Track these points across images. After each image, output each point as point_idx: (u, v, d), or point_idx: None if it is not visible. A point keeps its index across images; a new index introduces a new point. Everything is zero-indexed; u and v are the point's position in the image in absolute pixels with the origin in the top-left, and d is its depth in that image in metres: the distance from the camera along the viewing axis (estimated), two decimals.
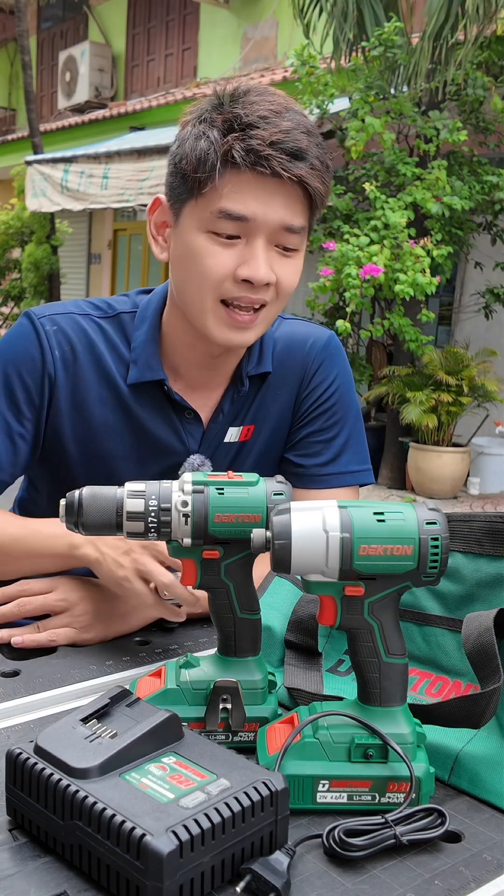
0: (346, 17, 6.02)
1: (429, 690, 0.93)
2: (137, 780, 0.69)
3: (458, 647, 0.94)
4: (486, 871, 0.71)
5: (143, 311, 1.31)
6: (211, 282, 1.15)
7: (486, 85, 5.93)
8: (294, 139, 1.10)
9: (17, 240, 10.48)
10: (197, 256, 1.15)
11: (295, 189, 1.13)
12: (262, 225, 1.13)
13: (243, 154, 1.09)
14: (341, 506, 0.78)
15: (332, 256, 5.56)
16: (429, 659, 0.96)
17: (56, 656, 1.09)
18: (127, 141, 9.65)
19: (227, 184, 1.11)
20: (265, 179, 1.11)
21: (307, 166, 1.11)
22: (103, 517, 0.86)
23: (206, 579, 0.87)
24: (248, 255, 1.14)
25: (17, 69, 14.69)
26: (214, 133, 1.11)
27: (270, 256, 1.15)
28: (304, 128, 1.12)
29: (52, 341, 1.25)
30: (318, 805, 0.78)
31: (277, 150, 1.09)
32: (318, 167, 1.13)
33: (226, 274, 1.14)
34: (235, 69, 10.86)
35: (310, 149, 1.11)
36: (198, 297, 1.18)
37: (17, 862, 0.69)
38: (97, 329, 1.29)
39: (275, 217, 1.13)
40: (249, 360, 1.32)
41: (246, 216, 1.12)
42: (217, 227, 1.13)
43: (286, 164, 1.09)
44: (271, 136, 1.08)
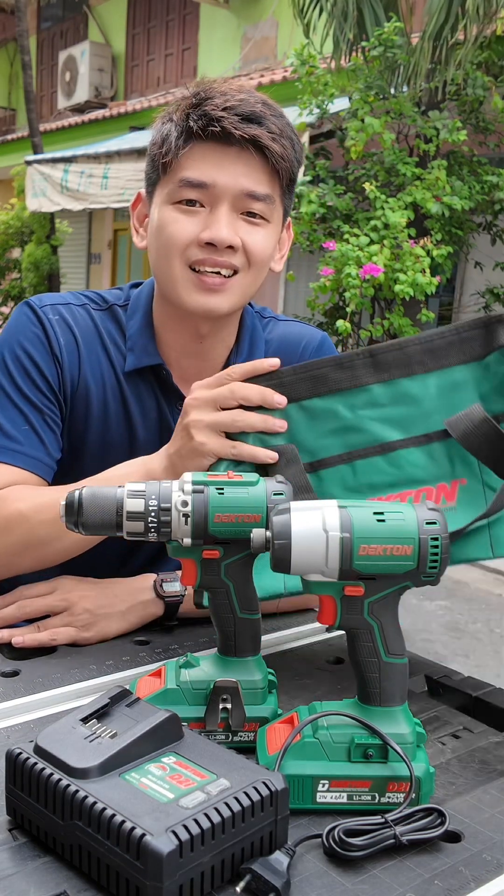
0: (347, 17, 6.02)
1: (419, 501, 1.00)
2: (137, 779, 0.69)
3: (429, 457, 1.01)
4: (486, 871, 0.71)
5: (135, 302, 1.33)
6: (177, 247, 1.18)
7: (486, 85, 5.92)
8: (248, 105, 1.15)
9: (17, 240, 10.47)
10: (163, 227, 1.20)
11: (253, 155, 1.16)
12: (222, 191, 1.17)
13: (196, 119, 1.15)
14: (341, 506, 0.78)
15: (332, 256, 5.56)
16: (403, 480, 1.01)
17: (56, 656, 1.09)
18: (127, 141, 9.65)
19: (187, 155, 1.17)
20: (223, 147, 1.16)
21: (263, 129, 1.15)
22: (103, 517, 0.86)
23: (206, 579, 0.88)
24: (210, 220, 1.18)
25: (17, 69, 14.69)
26: (177, 114, 1.18)
27: (235, 223, 1.18)
28: (261, 101, 1.17)
29: (56, 329, 1.26)
30: (318, 805, 0.78)
31: (230, 113, 1.14)
32: (274, 131, 1.16)
33: (190, 238, 1.18)
34: (235, 69, 10.86)
35: (266, 116, 1.16)
36: (167, 265, 1.21)
37: (17, 862, 0.69)
38: (94, 319, 1.30)
39: (235, 184, 1.16)
40: (238, 354, 1.32)
41: (205, 182, 1.16)
42: (180, 196, 1.18)
43: (237, 123, 1.14)
44: (225, 102, 1.15)
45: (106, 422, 1.28)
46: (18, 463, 1.21)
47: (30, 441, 1.22)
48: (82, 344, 1.27)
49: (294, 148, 1.20)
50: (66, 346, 1.26)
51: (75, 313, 1.29)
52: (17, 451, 1.21)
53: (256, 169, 1.17)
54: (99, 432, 1.28)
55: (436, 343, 1.01)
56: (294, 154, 1.20)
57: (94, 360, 1.28)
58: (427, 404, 1.01)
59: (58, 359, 1.25)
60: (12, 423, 1.22)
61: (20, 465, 1.21)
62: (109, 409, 1.28)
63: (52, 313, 1.27)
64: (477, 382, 1.01)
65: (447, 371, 1.01)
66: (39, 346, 1.25)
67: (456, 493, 0.99)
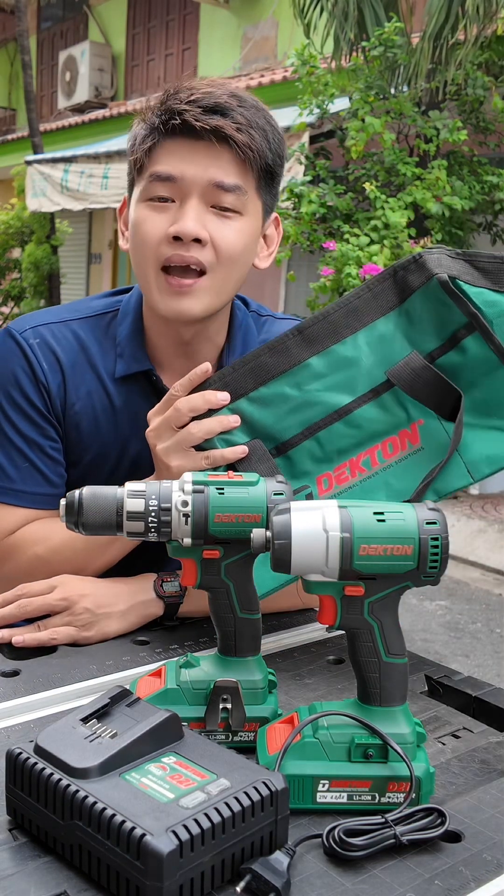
0: (347, 17, 6.02)
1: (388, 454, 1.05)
2: (137, 779, 0.69)
3: (382, 409, 1.06)
4: (486, 871, 0.71)
5: (125, 307, 1.32)
6: (149, 246, 1.18)
7: (486, 85, 5.93)
8: (213, 97, 1.14)
9: (17, 240, 10.48)
10: (137, 226, 1.20)
11: (222, 148, 1.16)
12: (190, 184, 1.16)
13: (160, 114, 1.15)
14: (341, 506, 0.78)
15: (332, 256, 5.56)
16: (366, 437, 1.06)
17: (56, 656, 1.09)
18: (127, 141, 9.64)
19: (156, 152, 1.17)
20: (190, 141, 1.15)
21: (227, 120, 1.14)
22: (103, 517, 0.86)
23: (206, 579, 0.88)
24: (179, 214, 1.17)
25: (17, 69, 14.68)
26: (149, 112, 1.18)
27: (204, 216, 1.17)
28: (230, 93, 1.16)
29: (38, 353, 1.26)
30: (318, 805, 0.78)
31: (193, 105, 1.14)
32: (240, 122, 1.15)
33: (160, 235, 1.17)
34: (235, 69, 10.86)
35: (232, 107, 1.15)
36: (143, 268, 1.21)
37: (17, 862, 0.69)
38: (77, 333, 1.29)
39: (203, 175, 1.16)
40: (231, 353, 1.32)
41: (173, 175, 1.16)
42: (150, 192, 1.18)
43: (199, 115, 1.13)
44: (189, 96, 1.14)
45: (98, 434, 1.28)
46: (23, 503, 1.24)
47: (32, 478, 1.24)
48: (65, 363, 1.27)
49: (268, 138, 1.18)
50: (50, 368, 1.26)
51: (56, 332, 1.28)
52: (19, 492, 1.24)
53: (225, 160, 1.16)
54: (93, 445, 1.28)
55: (353, 304, 1.07)
56: (268, 144, 1.18)
57: (78, 378, 1.27)
58: (365, 362, 1.06)
59: (42, 384, 1.25)
60: (11, 463, 1.24)
61: (25, 504, 1.24)
62: (100, 421, 1.28)
63: (32, 337, 1.27)
64: (403, 329, 1.07)
65: (371, 327, 1.07)
66: (23, 376, 1.25)
67: (418, 435, 1.05)
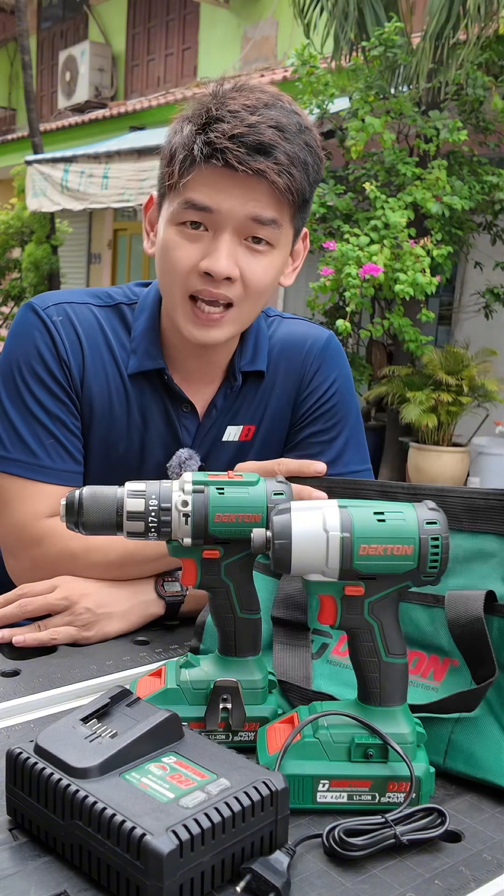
0: (347, 17, 6.02)
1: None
2: (137, 779, 0.69)
3: (430, 621, 0.93)
4: (486, 871, 0.71)
5: (143, 302, 1.32)
6: (177, 275, 1.17)
7: (486, 85, 5.92)
8: (257, 133, 1.09)
9: (17, 239, 10.47)
10: (167, 249, 1.17)
11: (261, 183, 1.12)
12: (227, 217, 1.14)
13: (202, 146, 1.11)
14: (341, 506, 0.78)
15: (332, 256, 5.56)
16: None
17: (56, 656, 1.09)
18: (127, 141, 9.65)
19: (194, 176, 1.13)
20: (229, 173, 1.11)
21: (270, 161, 1.10)
22: (103, 517, 0.86)
23: (206, 579, 0.87)
24: (212, 248, 1.15)
25: (17, 69, 14.68)
26: (189, 128, 1.13)
27: (237, 251, 1.15)
28: (274, 123, 1.11)
29: (60, 330, 1.25)
30: (318, 805, 0.78)
31: (237, 143, 1.09)
32: (283, 162, 1.11)
33: (190, 266, 1.15)
34: (235, 69, 10.85)
35: (276, 143, 1.10)
36: (169, 290, 1.20)
37: (17, 861, 0.69)
38: (97, 318, 1.29)
39: (240, 209, 1.13)
40: (242, 356, 1.32)
41: (209, 206, 1.13)
42: (183, 218, 1.15)
43: (243, 157, 1.09)
44: (232, 129, 1.09)
45: (110, 420, 1.28)
46: (51, 479, 1.22)
47: (58, 455, 1.23)
48: (86, 343, 1.27)
49: (308, 171, 1.15)
50: (71, 346, 1.25)
51: (78, 311, 1.28)
52: (47, 468, 1.22)
53: (264, 195, 1.13)
54: (103, 430, 1.28)
55: (477, 502, 0.94)
56: (307, 178, 1.15)
57: (97, 359, 1.27)
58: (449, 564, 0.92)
59: (64, 361, 1.25)
60: (36, 439, 1.22)
61: (53, 481, 1.22)
62: (114, 408, 1.28)
63: (55, 314, 1.26)
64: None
65: (480, 536, 0.93)
66: (47, 351, 1.24)
67: (445, 674, 0.91)
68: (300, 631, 0.99)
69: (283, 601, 1.01)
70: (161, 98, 11.34)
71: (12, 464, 1.22)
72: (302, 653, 0.97)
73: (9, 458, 1.22)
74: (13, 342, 1.26)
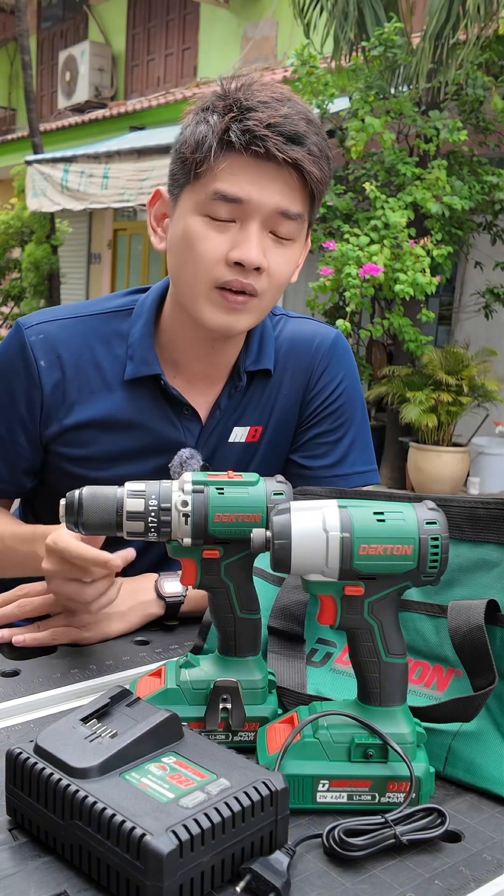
0: (347, 17, 6.02)
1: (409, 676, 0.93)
2: (137, 779, 0.69)
3: (436, 632, 0.93)
4: (486, 871, 0.71)
5: (139, 308, 1.31)
6: (204, 265, 1.15)
7: (486, 85, 5.93)
8: (293, 123, 1.11)
9: (17, 240, 10.47)
10: (192, 240, 1.16)
11: (291, 174, 1.13)
12: (256, 208, 1.13)
13: (239, 134, 1.10)
14: (341, 505, 0.78)
15: (332, 256, 5.56)
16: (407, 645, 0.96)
17: (56, 656, 1.09)
18: (127, 141, 9.65)
19: (223, 165, 1.12)
20: (261, 163, 1.11)
21: (304, 151, 1.11)
22: (103, 517, 0.86)
23: (206, 579, 0.87)
24: (240, 238, 1.14)
25: (17, 69, 14.68)
26: (214, 117, 1.13)
27: (264, 242, 1.15)
28: (303, 115, 1.13)
29: (36, 352, 1.26)
30: (318, 805, 0.78)
31: (274, 132, 1.09)
32: (315, 153, 1.13)
33: (219, 257, 1.15)
34: (235, 69, 10.80)
35: (308, 135, 1.12)
36: (192, 281, 1.18)
37: (17, 862, 0.69)
38: (88, 330, 1.29)
39: (270, 201, 1.13)
40: (248, 355, 1.31)
41: (241, 198, 1.12)
42: (212, 210, 1.14)
43: (281, 145, 1.10)
44: (269, 118, 1.10)
45: (109, 429, 1.28)
46: None
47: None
48: (68, 360, 1.27)
49: (330, 166, 1.18)
50: (47, 365, 1.27)
51: (62, 330, 1.29)
52: None
53: (293, 188, 1.14)
54: (103, 440, 1.28)
55: (478, 512, 0.94)
56: (330, 172, 1.18)
57: (86, 373, 1.28)
58: (452, 573, 0.94)
59: (36, 382, 1.27)
60: None
61: None
62: (112, 417, 1.28)
63: (35, 334, 1.27)
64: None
65: (482, 546, 0.93)
66: (16, 371, 1.27)
67: (448, 684, 0.90)
68: (295, 642, 0.99)
69: (281, 612, 1.00)
70: (161, 98, 11.34)
71: None
72: (296, 662, 0.97)
73: None
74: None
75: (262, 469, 1.33)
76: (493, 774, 0.82)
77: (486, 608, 0.86)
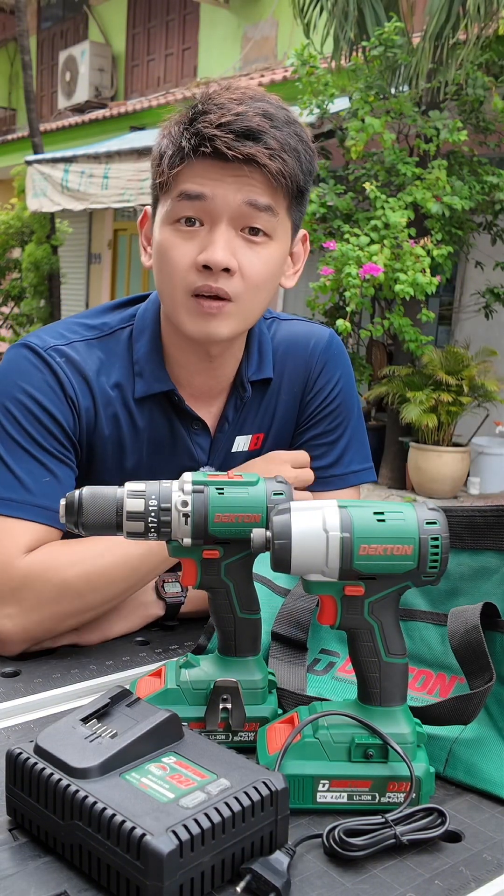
0: (347, 17, 6.02)
1: (412, 685, 0.93)
2: (137, 779, 0.69)
3: (441, 640, 0.94)
4: (487, 871, 0.71)
5: (140, 322, 1.28)
6: (178, 273, 1.15)
7: (486, 85, 5.93)
8: (245, 120, 1.10)
9: (17, 240, 10.47)
10: (164, 251, 1.16)
11: (253, 171, 1.11)
12: (221, 206, 1.12)
13: (189, 137, 1.11)
14: (341, 506, 0.78)
15: (332, 256, 5.56)
16: (412, 654, 0.95)
17: (56, 656, 1.09)
18: (127, 141, 9.65)
19: (186, 170, 1.12)
20: (218, 163, 1.11)
21: (260, 146, 1.10)
22: (103, 517, 0.86)
23: (206, 579, 0.87)
24: (207, 241, 1.13)
25: (17, 69, 14.69)
26: (176, 128, 1.13)
27: (234, 243, 1.14)
28: (261, 111, 1.11)
29: (67, 373, 1.20)
30: (319, 805, 0.78)
31: (224, 130, 1.09)
32: (273, 146, 1.10)
33: (189, 263, 1.14)
34: (235, 69, 10.86)
35: (264, 129, 1.10)
36: (170, 292, 1.17)
37: (18, 862, 0.69)
38: (99, 352, 1.25)
39: (234, 198, 1.12)
40: (249, 365, 1.30)
41: (202, 193, 1.12)
42: (178, 212, 1.14)
43: (231, 142, 1.09)
44: (219, 118, 1.09)
45: (121, 450, 1.24)
46: (42, 520, 1.13)
47: (53, 493, 1.13)
48: (94, 385, 1.22)
49: (300, 159, 1.15)
50: (80, 388, 1.20)
51: (80, 351, 1.23)
52: (40, 507, 1.13)
53: (257, 181, 1.12)
54: (115, 463, 1.25)
55: (476, 520, 0.95)
56: (300, 166, 1.15)
57: (105, 400, 1.23)
58: (455, 582, 0.95)
59: (74, 404, 1.19)
60: (32, 477, 1.14)
61: (44, 521, 1.13)
62: (123, 437, 1.24)
63: (58, 356, 1.20)
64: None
65: (482, 554, 0.95)
66: (51, 393, 1.18)
67: (451, 691, 0.91)
68: (298, 649, 0.99)
69: (286, 618, 1.01)
70: (161, 98, 11.34)
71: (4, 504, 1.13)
72: (297, 668, 0.97)
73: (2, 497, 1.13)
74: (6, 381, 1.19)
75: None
76: (494, 776, 0.82)
77: (486, 611, 0.87)
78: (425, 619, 0.96)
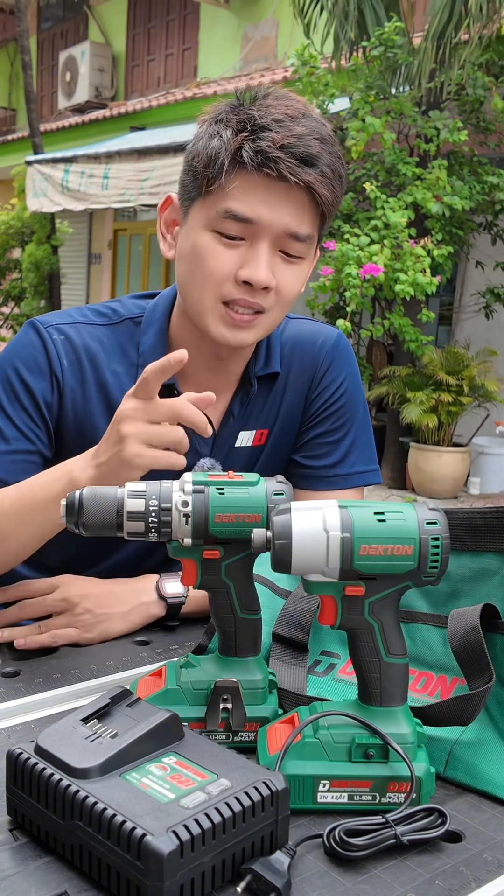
0: (347, 17, 6.02)
1: (413, 686, 0.93)
2: (138, 780, 0.69)
3: (442, 642, 0.95)
4: (487, 871, 0.71)
5: (150, 315, 1.30)
6: (212, 281, 1.15)
7: (486, 85, 5.93)
8: (306, 144, 1.10)
9: (17, 240, 10.48)
10: (201, 255, 1.15)
11: (302, 195, 1.12)
12: (266, 228, 1.13)
13: (252, 154, 1.09)
14: (342, 506, 0.78)
15: (332, 256, 5.56)
16: (413, 656, 0.96)
17: (56, 656, 1.09)
18: (127, 141, 9.65)
19: (234, 184, 1.11)
20: (273, 183, 1.11)
21: (317, 173, 1.11)
22: (104, 517, 0.86)
23: (206, 579, 0.87)
24: (249, 257, 1.14)
25: (18, 69, 14.69)
26: (227, 133, 1.11)
27: (273, 261, 1.15)
28: (318, 134, 1.12)
29: (59, 349, 1.24)
30: (319, 805, 0.78)
31: (287, 153, 1.09)
32: (328, 175, 1.12)
33: (227, 274, 1.14)
34: (236, 69, 10.86)
35: (321, 156, 1.11)
36: (199, 295, 1.18)
37: (18, 862, 0.69)
38: (103, 337, 1.27)
39: (280, 222, 1.13)
40: (257, 361, 1.31)
41: (251, 218, 1.12)
42: (222, 227, 1.14)
43: (294, 168, 1.09)
44: (283, 139, 1.09)
45: None
46: None
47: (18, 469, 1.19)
48: (86, 365, 1.25)
49: (342, 183, 1.17)
50: (69, 367, 1.23)
51: (82, 332, 1.26)
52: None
53: (303, 209, 1.14)
54: None
55: (476, 522, 0.95)
56: (341, 191, 1.17)
57: (100, 381, 1.25)
58: (456, 584, 0.96)
59: (57, 380, 1.23)
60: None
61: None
62: None
63: (56, 333, 1.24)
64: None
65: (482, 555, 0.95)
66: (35, 367, 1.22)
67: (452, 692, 0.91)
68: (299, 650, 0.99)
69: (287, 619, 1.01)
70: (161, 98, 11.34)
71: None
72: (298, 669, 0.97)
73: None
74: (6, 353, 1.25)
75: (265, 470, 1.33)
76: (494, 777, 0.82)
77: (486, 612, 0.87)
78: (426, 622, 0.96)
